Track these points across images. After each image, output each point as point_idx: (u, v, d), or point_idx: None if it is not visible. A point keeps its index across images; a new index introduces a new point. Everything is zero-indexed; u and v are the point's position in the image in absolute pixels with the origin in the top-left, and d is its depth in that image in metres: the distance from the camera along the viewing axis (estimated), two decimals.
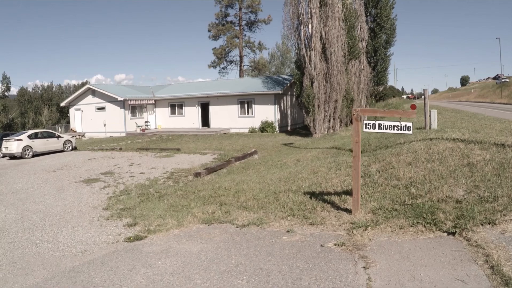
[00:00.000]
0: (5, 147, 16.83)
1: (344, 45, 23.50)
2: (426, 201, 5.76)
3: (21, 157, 16.67)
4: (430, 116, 13.03)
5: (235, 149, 16.57)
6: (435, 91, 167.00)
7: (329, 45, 21.53)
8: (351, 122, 29.83)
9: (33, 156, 17.05)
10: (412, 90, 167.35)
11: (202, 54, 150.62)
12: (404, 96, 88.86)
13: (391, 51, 35.84)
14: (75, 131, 28.03)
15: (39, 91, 52.61)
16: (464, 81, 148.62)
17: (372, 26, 33.54)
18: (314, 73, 20.99)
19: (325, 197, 6.80)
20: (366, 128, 5.68)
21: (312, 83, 21.07)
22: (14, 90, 55.27)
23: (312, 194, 7.01)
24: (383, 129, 5.60)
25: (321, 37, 21.33)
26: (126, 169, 12.35)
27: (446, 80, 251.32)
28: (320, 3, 21.46)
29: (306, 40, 21.44)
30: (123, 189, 9.10)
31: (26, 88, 53.30)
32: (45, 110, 46.55)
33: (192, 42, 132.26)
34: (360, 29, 29.04)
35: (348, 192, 6.96)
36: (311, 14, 21.07)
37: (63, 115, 49.11)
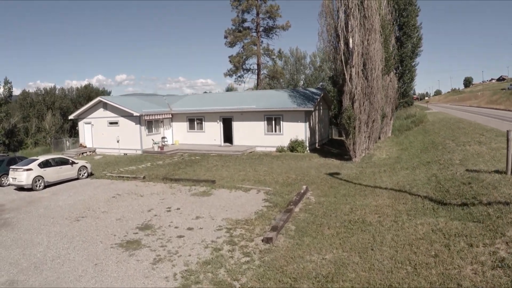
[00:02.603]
0: (12, 178, 14.53)
1: (382, 60, 21.61)
2: None
3: (31, 189, 14.44)
4: None
5: (278, 181, 14.52)
6: (438, 92, 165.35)
7: (369, 61, 19.54)
8: (379, 138, 28.05)
9: (45, 187, 14.81)
10: (414, 91, 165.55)
11: (204, 54, 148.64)
12: None
13: (417, 61, 34.10)
14: (85, 147, 25.70)
15: (42, 94, 50.15)
16: (468, 82, 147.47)
17: (398, 35, 31.86)
18: (355, 92, 18.98)
19: None
20: None
21: (352, 103, 19.07)
22: (16, 91, 52.79)
23: None
24: None
25: (362, 53, 19.35)
26: (165, 219, 10.20)
27: (451, 82, 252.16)
28: (360, 14, 19.48)
29: (344, 56, 19.35)
30: (184, 269, 6.94)
31: (28, 91, 50.86)
32: (49, 115, 44.13)
33: (193, 42, 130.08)
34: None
35: None
36: (351, 27, 19.03)
37: (66, 119, 46.76)
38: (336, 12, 19.79)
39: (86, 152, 24.69)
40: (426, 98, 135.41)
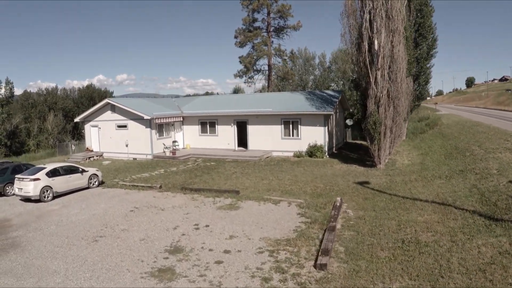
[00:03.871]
0: (18, 188, 13.37)
1: (405, 62, 20.63)
2: None
3: (38, 200, 13.31)
4: None
5: (307, 192, 13.48)
6: (439, 92, 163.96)
7: (394, 63, 18.55)
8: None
9: (54, 197, 13.69)
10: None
11: (204, 54, 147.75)
12: None
13: (432, 63, 33.14)
14: (92, 151, 24.55)
15: (44, 94, 48.99)
16: (470, 82, 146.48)
17: (414, 36, 30.93)
18: (381, 96, 17.96)
19: None
20: None
21: (378, 108, 18.06)
22: (17, 91, 51.66)
23: None
24: None
25: (388, 55, 18.33)
26: (196, 239, 9.10)
27: (454, 82, 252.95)
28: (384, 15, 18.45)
29: (368, 58, 18.29)
30: None
31: (30, 91, 49.69)
32: (51, 115, 42.93)
33: (194, 42, 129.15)
34: None
35: None
36: (377, 29, 18.00)
37: (69, 120, 45.65)
38: (359, 13, 18.80)
39: (93, 157, 23.57)
40: (428, 98, 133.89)
